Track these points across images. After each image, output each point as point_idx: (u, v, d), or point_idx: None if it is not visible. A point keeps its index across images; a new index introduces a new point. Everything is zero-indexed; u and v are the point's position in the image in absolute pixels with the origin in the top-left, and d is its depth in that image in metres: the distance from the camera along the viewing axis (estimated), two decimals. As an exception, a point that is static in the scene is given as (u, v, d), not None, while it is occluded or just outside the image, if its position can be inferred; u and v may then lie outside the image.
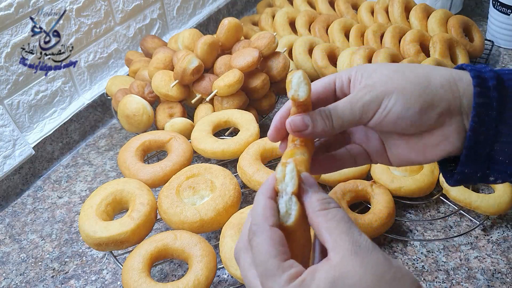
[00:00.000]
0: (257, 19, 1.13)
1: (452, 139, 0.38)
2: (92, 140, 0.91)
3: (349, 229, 0.33)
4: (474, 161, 0.38)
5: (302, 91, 0.36)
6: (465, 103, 0.38)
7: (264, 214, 0.34)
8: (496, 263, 0.61)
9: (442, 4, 1.07)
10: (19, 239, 0.72)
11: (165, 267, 0.65)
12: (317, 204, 0.34)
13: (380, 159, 0.43)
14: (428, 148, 0.39)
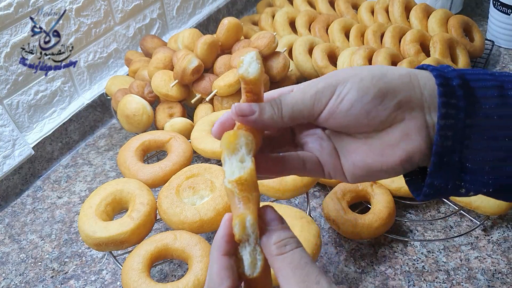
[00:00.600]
0: (257, 19, 1.13)
1: (413, 136, 0.34)
2: (92, 140, 0.91)
3: (306, 277, 0.30)
4: (444, 171, 0.34)
5: (252, 68, 0.34)
6: (427, 96, 0.34)
7: (219, 277, 0.32)
8: (496, 263, 0.61)
9: (442, 4, 1.07)
10: (18, 239, 0.72)
11: (165, 267, 0.65)
12: (273, 248, 0.32)
13: (333, 171, 0.37)
14: (387, 149, 0.34)
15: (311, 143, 0.38)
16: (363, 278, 0.61)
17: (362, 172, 0.36)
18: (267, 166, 0.36)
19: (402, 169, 0.35)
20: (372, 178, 0.37)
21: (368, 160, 0.35)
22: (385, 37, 0.93)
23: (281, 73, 0.83)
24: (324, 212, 0.65)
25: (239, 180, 0.31)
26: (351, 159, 0.36)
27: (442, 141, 0.33)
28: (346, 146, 0.36)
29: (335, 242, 0.66)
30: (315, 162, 0.37)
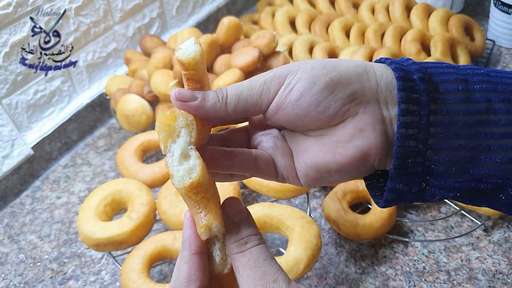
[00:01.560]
0: (257, 18, 1.13)
1: (367, 132, 0.31)
2: (91, 140, 0.91)
3: (262, 276, 0.29)
4: (407, 174, 0.31)
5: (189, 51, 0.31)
6: (383, 87, 0.31)
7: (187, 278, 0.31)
8: (497, 263, 0.61)
9: (443, 3, 1.07)
10: (17, 239, 0.72)
11: (165, 267, 0.65)
12: (233, 247, 0.31)
13: (286, 172, 0.34)
14: (339, 146, 0.31)
15: (266, 142, 0.35)
16: (364, 278, 0.60)
17: (315, 173, 0.33)
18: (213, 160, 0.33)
19: (357, 170, 0.32)
20: (326, 181, 0.34)
21: (320, 159, 0.32)
22: (386, 37, 0.93)
23: (281, 72, 0.82)
24: (325, 213, 0.65)
25: (191, 185, 0.28)
26: (303, 159, 0.33)
27: (404, 141, 0.30)
28: (299, 145, 0.34)
29: (336, 242, 0.65)
30: (269, 161, 0.35)
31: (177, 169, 0.28)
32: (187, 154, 0.29)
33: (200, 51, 0.32)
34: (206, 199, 0.29)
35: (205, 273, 0.32)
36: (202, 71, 0.33)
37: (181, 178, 0.28)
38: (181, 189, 0.28)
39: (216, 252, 0.32)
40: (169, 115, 0.29)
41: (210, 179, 0.30)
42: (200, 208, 0.29)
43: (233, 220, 0.32)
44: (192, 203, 0.29)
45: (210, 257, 0.32)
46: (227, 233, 0.31)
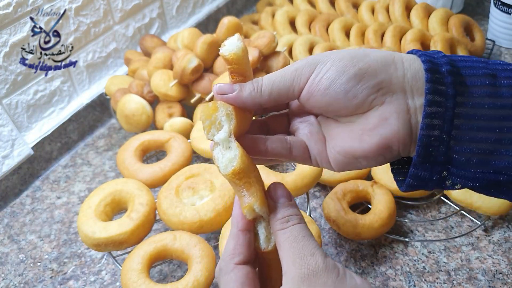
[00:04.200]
0: (257, 18, 1.13)
1: (391, 121, 0.32)
2: (91, 140, 0.91)
3: (301, 250, 0.31)
4: (429, 162, 0.32)
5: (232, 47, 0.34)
6: (410, 78, 0.32)
7: (232, 252, 0.34)
8: (497, 263, 0.61)
9: (443, 3, 1.07)
10: (17, 239, 0.72)
11: (165, 268, 0.65)
12: (277, 224, 0.33)
13: (319, 157, 0.37)
14: (365, 134, 0.33)
15: (302, 129, 0.38)
16: (364, 278, 0.60)
17: (344, 158, 0.35)
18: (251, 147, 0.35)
19: (383, 157, 0.34)
20: (355, 166, 0.36)
21: (347, 145, 0.34)
22: (386, 37, 0.93)
23: (281, 72, 0.82)
24: (325, 213, 0.65)
25: (234, 172, 0.31)
26: (333, 145, 0.36)
27: (428, 130, 0.31)
28: (330, 131, 0.36)
29: (336, 242, 0.65)
30: (303, 147, 0.37)
31: (221, 159, 0.32)
32: (228, 144, 0.32)
33: (243, 47, 0.34)
34: (248, 183, 0.32)
35: (249, 249, 0.34)
36: (245, 65, 0.35)
37: (225, 166, 0.32)
38: (225, 175, 0.32)
39: (261, 230, 0.34)
40: (211, 106, 0.33)
41: (251, 165, 0.33)
42: (243, 191, 0.32)
43: (277, 202, 0.34)
44: (237, 187, 0.32)
45: (256, 235, 0.35)
46: (272, 213, 0.34)
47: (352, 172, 0.69)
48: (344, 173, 0.68)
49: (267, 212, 0.33)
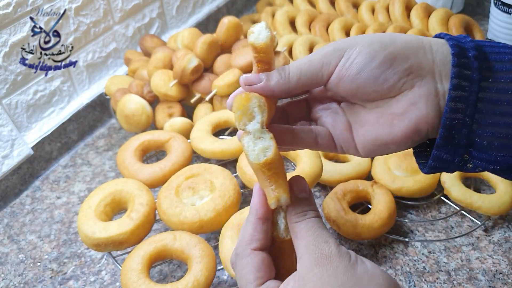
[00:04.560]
0: (257, 18, 1.13)
1: (421, 105, 0.33)
2: (91, 140, 0.91)
3: (316, 238, 0.33)
4: (452, 144, 0.33)
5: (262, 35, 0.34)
6: (439, 62, 0.33)
7: (250, 238, 0.35)
8: (497, 263, 0.61)
9: (443, 3, 1.07)
10: (17, 239, 0.72)
11: (165, 268, 0.65)
12: (295, 217, 0.35)
13: (345, 145, 0.37)
14: (395, 118, 0.34)
15: (325, 117, 0.38)
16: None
17: (372, 145, 0.36)
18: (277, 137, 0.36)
19: (411, 141, 0.34)
20: (384, 152, 0.36)
21: (376, 131, 0.35)
22: (386, 37, 0.93)
23: (281, 72, 0.82)
24: (325, 213, 0.65)
25: (266, 162, 0.32)
26: (361, 131, 0.36)
27: (452, 113, 0.32)
28: (358, 118, 0.36)
29: (336, 242, 0.65)
30: (328, 136, 0.38)
31: (253, 148, 0.32)
32: (260, 134, 0.33)
33: (271, 36, 0.35)
34: (276, 174, 0.33)
35: (266, 237, 0.35)
36: (271, 54, 0.36)
37: (257, 156, 0.32)
38: (256, 164, 0.32)
39: (281, 220, 0.36)
40: (244, 97, 0.33)
41: (280, 157, 0.33)
42: (271, 182, 0.33)
43: (297, 196, 0.35)
44: (264, 177, 0.33)
45: (275, 224, 0.36)
46: (291, 205, 0.35)
47: (352, 172, 0.68)
48: (344, 173, 0.68)
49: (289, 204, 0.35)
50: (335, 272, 0.31)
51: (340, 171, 0.69)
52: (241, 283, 0.34)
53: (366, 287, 0.31)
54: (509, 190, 0.64)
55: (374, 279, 0.31)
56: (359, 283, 0.31)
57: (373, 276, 0.31)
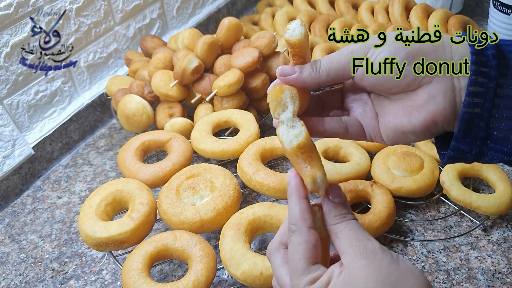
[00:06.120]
0: (257, 19, 1.13)
1: (438, 99, 0.36)
2: (92, 140, 0.91)
3: (358, 236, 0.35)
4: (470, 137, 0.36)
5: (296, 32, 0.37)
6: (457, 60, 0.36)
7: (302, 215, 0.37)
8: (496, 263, 0.61)
9: (443, 4, 1.07)
10: (18, 239, 0.72)
11: (165, 267, 0.65)
12: (334, 219, 0.37)
13: (373, 133, 0.41)
14: (414, 108, 0.37)
15: (356, 107, 0.42)
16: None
17: (394, 133, 0.39)
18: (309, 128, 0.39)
19: (429, 132, 0.37)
20: (404, 140, 0.39)
21: (397, 121, 0.38)
22: (385, 37, 0.93)
23: (281, 73, 0.83)
24: (324, 212, 0.65)
25: (298, 146, 0.35)
26: (384, 120, 0.39)
27: (470, 108, 0.34)
28: (382, 108, 0.40)
29: (335, 242, 0.66)
30: (358, 125, 0.41)
31: (287, 135, 0.36)
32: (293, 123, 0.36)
33: (305, 32, 0.38)
34: (310, 157, 0.36)
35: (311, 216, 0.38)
36: (305, 49, 0.39)
37: (290, 141, 0.36)
38: (290, 149, 0.36)
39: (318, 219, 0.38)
40: (278, 88, 0.37)
41: (312, 142, 0.37)
42: (305, 164, 0.36)
43: (334, 201, 0.38)
44: (299, 160, 0.36)
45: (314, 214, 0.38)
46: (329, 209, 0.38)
47: (352, 172, 0.69)
48: (343, 173, 0.69)
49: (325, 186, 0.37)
50: (380, 264, 0.33)
51: (339, 171, 0.69)
52: (293, 257, 0.36)
53: (408, 281, 0.33)
54: (508, 190, 0.64)
55: (415, 275, 0.33)
56: (402, 277, 0.33)
57: (413, 273, 0.33)
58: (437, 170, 0.68)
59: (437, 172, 0.68)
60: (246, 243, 0.55)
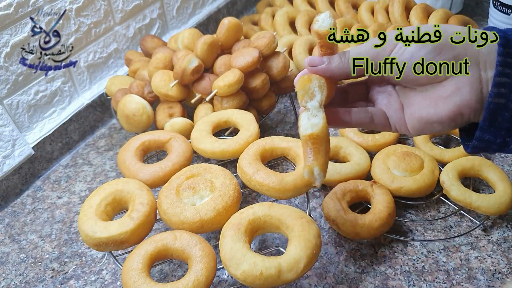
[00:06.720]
0: (257, 19, 1.13)
1: (464, 91, 0.36)
2: (92, 140, 0.91)
3: None
4: (494, 127, 0.36)
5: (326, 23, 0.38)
6: (485, 52, 0.36)
7: None
8: (496, 263, 0.61)
9: (443, 4, 1.07)
10: (18, 239, 0.72)
11: (165, 267, 0.65)
12: None
13: (398, 124, 0.42)
14: (440, 100, 0.38)
15: (381, 99, 0.43)
16: (363, 278, 0.61)
17: (419, 124, 0.40)
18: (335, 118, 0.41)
19: (454, 122, 0.38)
20: (430, 130, 0.40)
21: (424, 112, 0.39)
22: (385, 37, 0.93)
23: (281, 73, 0.83)
24: (324, 212, 0.65)
25: (311, 135, 0.37)
26: (410, 111, 0.40)
27: (496, 98, 0.35)
28: (408, 99, 0.40)
29: (335, 242, 0.66)
30: (383, 116, 0.42)
31: (306, 122, 0.37)
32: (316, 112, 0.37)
33: (334, 23, 0.39)
34: (317, 150, 0.37)
35: None
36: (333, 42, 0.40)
37: (305, 128, 0.37)
38: (303, 135, 0.37)
39: None
40: (306, 78, 0.38)
41: (326, 137, 0.38)
42: (311, 154, 0.37)
43: None
44: (307, 148, 0.38)
45: None
46: None
47: (352, 172, 0.69)
48: (343, 173, 0.69)
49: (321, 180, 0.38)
50: None
51: (339, 171, 0.69)
52: None
53: None
54: (508, 190, 0.64)
55: None
56: None
57: None
58: (437, 170, 0.68)
59: (437, 172, 0.68)
60: (246, 243, 0.55)
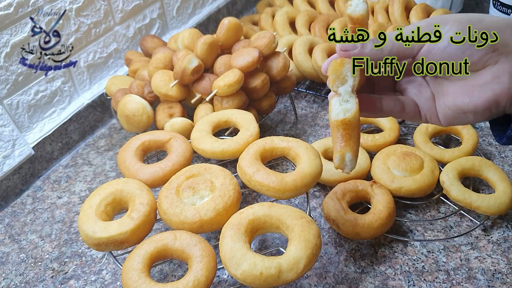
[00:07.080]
0: (257, 19, 1.13)
1: (503, 79, 0.36)
2: (92, 140, 0.91)
3: None
4: None
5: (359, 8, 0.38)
6: None
7: None
8: (496, 263, 0.61)
9: (443, 4, 1.07)
10: (18, 239, 0.72)
11: (165, 267, 0.65)
12: None
13: (429, 114, 0.41)
14: (476, 88, 0.37)
15: (411, 88, 0.42)
16: (363, 278, 0.61)
17: (452, 113, 0.39)
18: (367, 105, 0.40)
19: (489, 112, 0.37)
20: (462, 121, 0.39)
21: (458, 100, 0.38)
22: (385, 37, 0.93)
23: (281, 73, 0.83)
24: (324, 212, 0.65)
25: (344, 121, 0.36)
26: (443, 100, 0.39)
27: None
28: (441, 89, 0.40)
29: (335, 242, 0.66)
30: (413, 105, 0.42)
31: (337, 107, 0.36)
32: (348, 97, 0.36)
33: (367, 9, 0.38)
34: (348, 135, 0.37)
35: None
36: (366, 25, 0.39)
37: (337, 114, 0.36)
38: (334, 121, 0.36)
39: None
40: (339, 61, 0.37)
41: (358, 123, 0.37)
42: (342, 140, 0.37)
43: None
44: (338, 134, 0.37)
45: None
46: None
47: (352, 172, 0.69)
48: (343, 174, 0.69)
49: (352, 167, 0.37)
50: None
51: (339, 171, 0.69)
52: None
53: None
54: (508, 190, 0.64)
55: None
56: None
57: None
58: (437, 170, 0.68)
59: (437, 172, 0.68)
60: (246, 243, 0.55)
